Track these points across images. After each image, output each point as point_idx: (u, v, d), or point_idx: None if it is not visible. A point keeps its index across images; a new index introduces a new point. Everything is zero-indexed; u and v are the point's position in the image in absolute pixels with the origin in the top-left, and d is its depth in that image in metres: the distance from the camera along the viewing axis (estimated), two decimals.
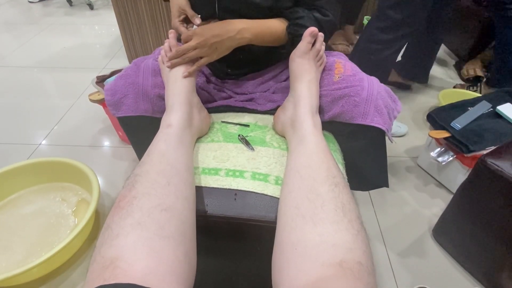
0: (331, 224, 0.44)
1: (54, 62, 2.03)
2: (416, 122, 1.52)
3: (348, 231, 0.43)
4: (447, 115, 1.13)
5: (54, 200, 1.09)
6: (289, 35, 0.74)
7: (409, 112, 1.57)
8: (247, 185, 0.63)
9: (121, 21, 1.76)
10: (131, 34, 1.82)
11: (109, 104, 0.78)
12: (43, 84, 1.82)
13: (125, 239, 0.41)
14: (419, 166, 1.29)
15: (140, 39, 1.83)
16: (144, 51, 1.88)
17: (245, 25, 0.70)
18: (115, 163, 1.31)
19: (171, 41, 0.73)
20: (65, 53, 2.14)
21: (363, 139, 0.78)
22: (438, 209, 1.12)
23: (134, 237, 0.41)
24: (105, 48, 2.20)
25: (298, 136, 0.61)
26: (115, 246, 0.41)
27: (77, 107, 1.62)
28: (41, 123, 1.52)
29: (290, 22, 0.74)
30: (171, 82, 0.69)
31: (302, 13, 0.73)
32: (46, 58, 2.08)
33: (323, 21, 0.74)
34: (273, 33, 0.73)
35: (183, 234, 0.46)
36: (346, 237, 0.43)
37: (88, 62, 2.02)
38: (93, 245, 1.01)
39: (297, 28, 0.73)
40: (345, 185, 0.51)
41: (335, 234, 0.43)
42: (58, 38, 2.35)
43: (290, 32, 0.73)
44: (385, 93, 0.72)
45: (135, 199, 0.46)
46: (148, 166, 0.53)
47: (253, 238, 0.64)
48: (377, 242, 1.01)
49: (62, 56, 2.11)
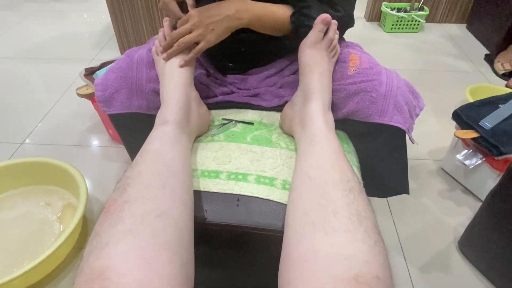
0: (345, 233, 0.44)
1: (38, 53, 2.05)
2: (440, 121, 1.51)
3: (364, 241, 0.43)
4: (475, 113, 1.12)
5: (37, 205, 1.10)
6: (292, 24, 0.74)
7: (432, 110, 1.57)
8: (251, 190, 0.63)
9: (112, 7, 1.77)
10: (123, 22, 1.83)
11: (99, 100, 0.78)
12: (26, 77, 1.84)
13: (116, 248, 0.41)
14: (443, 170, 1.28)
15: (133, 27, 1.84)
16: (138, 41, 1.89)
17: (244, 5, 0.71)
18: (105, 164, 1.32)
19: (166, 29, 0.73)
20: (51, 43, 2.16)
21: (381, 139, 0.77)
22: (465, 218, 1.11)
23: (125, 246, 0.42)
24: (95, 37, 2.21)
25: (308, 135, 0.61)
26: (105, 256, 0.41)
27: (64, 102, 1.63)
28: (23, 120, 1.53)
29: (296, 10, 0.74)
30: (167, 75, 0.69)
31: (311, 2, 0.73)
32: (30, 48, 2.09)
33: (333, 16, 0.74)
34: (275, 19, 0.73)
35: (179, 243, 0.47)
36: (362, 248, 0.42)
37: (75, 53, 2.04)
38: (80, 255, 1.02)
39: (303, 18, 0.73)
40: (360, 190, 0.51)
41: (349, 244, 0.43)
42: (43, 26, 2.37)
43: (294, 22, 0.73)
44: (405, 88, 0.72)
45: (126, 204, 0.46)
46: (141, 167, 0.53)
47: (258, 249, 0.64)
48: (396, 254, 1.01)
49: (47, 46, 2.12)
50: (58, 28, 2.33)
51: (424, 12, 2.16)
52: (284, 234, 0.51)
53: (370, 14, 2.35)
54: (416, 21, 2.19)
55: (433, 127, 1.48)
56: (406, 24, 2.20)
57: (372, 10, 2.32)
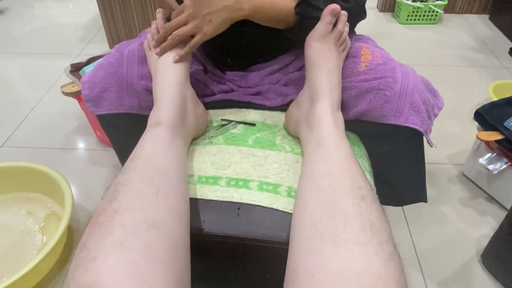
0: (356, 246, 0.44)
1: (20, 47, 2.06)
2: (461, 122, 1.51)
3: (378, 255, 0.43)
4: (500, 113, 1.12)
5: (18, 214, 1.10)
6: (297, 15, 0.74)
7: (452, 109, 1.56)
8: (253, 198, 0.63)
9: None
10: (113, 13, 1.84)
11: (86, 100, 0.79)
12: (6, 74, 1.84)
13: (105, 261, 0.41)
14: (464, 175, 1.28)
15: (124, 19, 1.85)
16: (129, 34, 1.90)
17: None
18: (93, 169, 1.32)
19: (159, 22, 0.73)
20: (33, 36, 2.17)
21: (396, 142, 0.77)
22: (489, 228, 1.11)
23: (115, 260, 0.42)
24: (81, 30, 2.22)
25: (315, 138, 0.61)
26: (93, 270, 0.41)
27: (47, 101, 1.64)
28: (3, 120, 1.54)
29: (301, 1, 0.74)
30: (160, 71, 0.70)
31: None
32: (10, 42, 2.11)
33: (342, 7, 0.74)
34: (278, 10, 0.73)
35: (174, 255, 0.47)
36: (376, 262, 0.42)
37: (60, 47, 2.05)
38: (66, 269, 1.02)
39: (309, 8, 0.73)
40: (373, 198, 0.51)
41: (361, 258, 0.42)
42: (24, 18, 2.39)
43: (299, 12, 0.73)
44: (422, 85, 0.72)
45: (116, 214, 0.46)
46: (132, 173, 0.53)
47: (260, 263, 0.64)
48: (413, 268, 1.01)
49: (29, 40, 2.13)
50: (41, 21, 2.34)
51: (442, 2, 2.17)
52: (290, 246, 0.51)
53: (383, 4, 2.35)
54: (433, 12, 2.19)
55: (453, 129, 1.48)
56: (422, 15, 2.21)
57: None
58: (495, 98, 1.38)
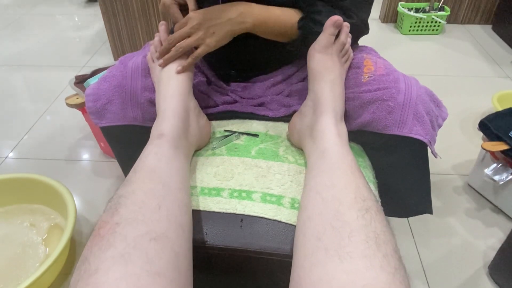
0: (361, 259, 0.43)
1: (25, 60, 2.08)
2: (465, 132, 1.50)
3: (383, 268, 0.42)
4: (504, 123, 1.11)
5: (21, 226, 1.10)
6: (299, 30, 0.74)
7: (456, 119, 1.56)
8: (256, 209, 0.62)
9: (106, 10, 1.80)
10: (117, 26, 1.86)
11: (91, 112, 0.79)
12: (11, 86, 1.86)
13: (106, 275, 0.41)
14: (470, 186, 1.27)
15: (128, 31, 1.87)
16: (133, 46, 1.92)
17: (248, 8, 0.71)
18: (96, 180, 1.32)
19: (162, 34, 0.74)
20: (38, 49, 2.19)
21: (400, 153, 0.77)
22: (495, 240, 1.10)
23: (117, 273, 0.41)
24: (86, 43, 2.25)
25: (319, 149, 0.61)
26: (94, 284, 0.41)
27: (52, 113, 1.65)
28: (7, 132, 1.55)
29: (304, 15, 0.74)
30: (163, 83, 0.70)
31: (321, 8, 0.74)
32: (16, 55, 2.13)
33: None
34: (281, 24, 0.74)
35: (176, 269, 0.46)
36: (381, 276, 0.42)
37: (65, 59, 2.07)
38: (67, 282, 1.01)
39: (312, 24, 0.73)
40: (378, 210, 0.50)
41: (366, 272, 0.42)
42: (30, 30, 2.42)
43: (301, 27, 0.74)
44: (426, 96, 0.72)
45: (118, 226, 0.46)
46: (134, 185, 0.53)
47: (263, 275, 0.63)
48: (419, 281, 0.99)
49: (35, 52, 2.16)
50: (47, 33, 2.37)
51: (445, 13, 2.18)
52: (293, 259, 0.50)
53: (385, 15, 2.37)
54: (436, 22, 2.20)
55: (458, 139, 1.47)
56: (425, 26, 2.22)
57: (388, 10, 2.34)
58: (499, 108, 1.37)
